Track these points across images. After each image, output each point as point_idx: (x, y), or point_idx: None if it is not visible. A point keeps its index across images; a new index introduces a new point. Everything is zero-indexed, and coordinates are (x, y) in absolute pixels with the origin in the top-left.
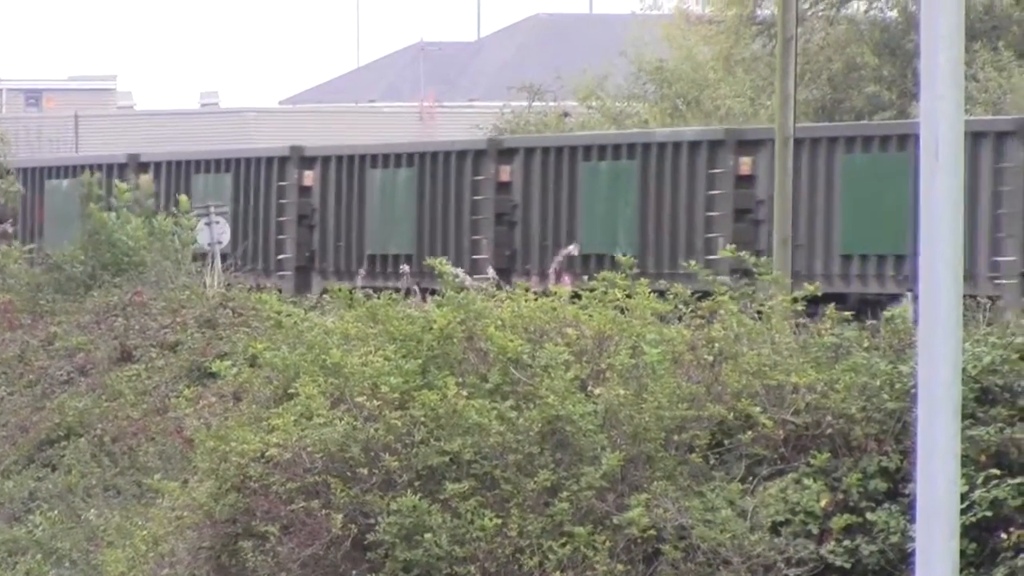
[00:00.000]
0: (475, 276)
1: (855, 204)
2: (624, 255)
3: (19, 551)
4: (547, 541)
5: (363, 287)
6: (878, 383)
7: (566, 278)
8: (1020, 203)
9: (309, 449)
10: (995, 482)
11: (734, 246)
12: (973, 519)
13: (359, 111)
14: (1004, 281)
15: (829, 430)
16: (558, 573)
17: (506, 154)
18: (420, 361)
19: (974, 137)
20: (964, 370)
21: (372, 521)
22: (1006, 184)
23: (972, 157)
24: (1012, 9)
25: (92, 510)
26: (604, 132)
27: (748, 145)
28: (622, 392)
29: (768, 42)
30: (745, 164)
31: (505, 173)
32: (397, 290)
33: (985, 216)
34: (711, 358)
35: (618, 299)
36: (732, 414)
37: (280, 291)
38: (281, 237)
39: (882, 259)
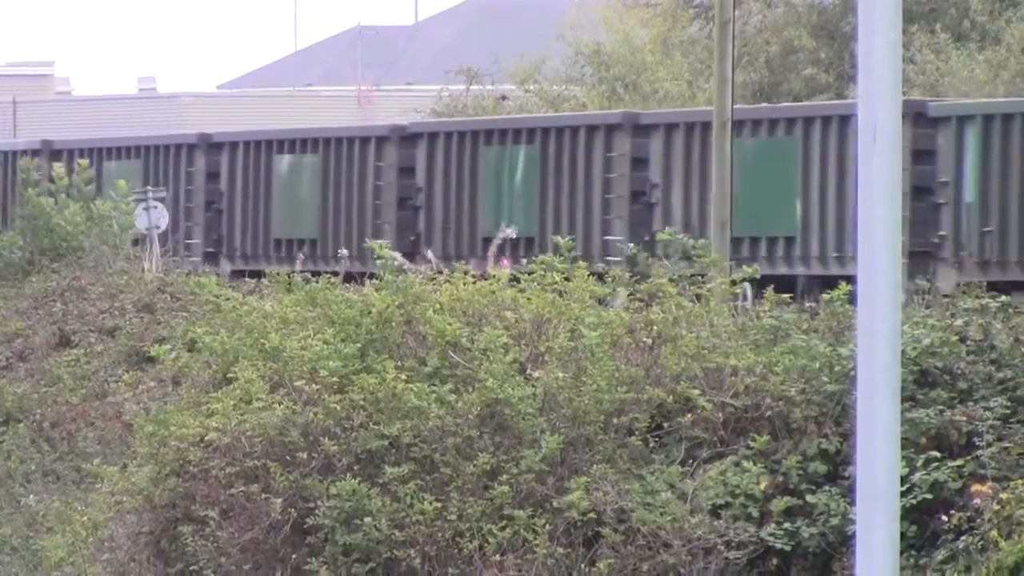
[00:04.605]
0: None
1: (744, 187)
2: (518, 238)
3: None
4: (487, 524)
5: (303, 271)
6: (817, 365)
7: (505, 261)
8: (906, 185)
9: (248, 433)
10: (935, 464)
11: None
12: (913, 501)
13: (297, 95)
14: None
15: (768, 413)
16: (498, 556)
17: (409, 139)
18: (359, 345)
19: (841, 120)
20: (904, 352)
21: (312, 505)
22: None
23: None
24: None
25: (31, 496)
26: (503, 116)
27: (643, 129)
28: (561, 375)
29: (705, 25)
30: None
31: (408, 158)
32: (317, 274)
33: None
34: (650, 341)
35: (556, 282)
36: (671, 397)
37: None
38: (189, 223)
39: (772, 241)
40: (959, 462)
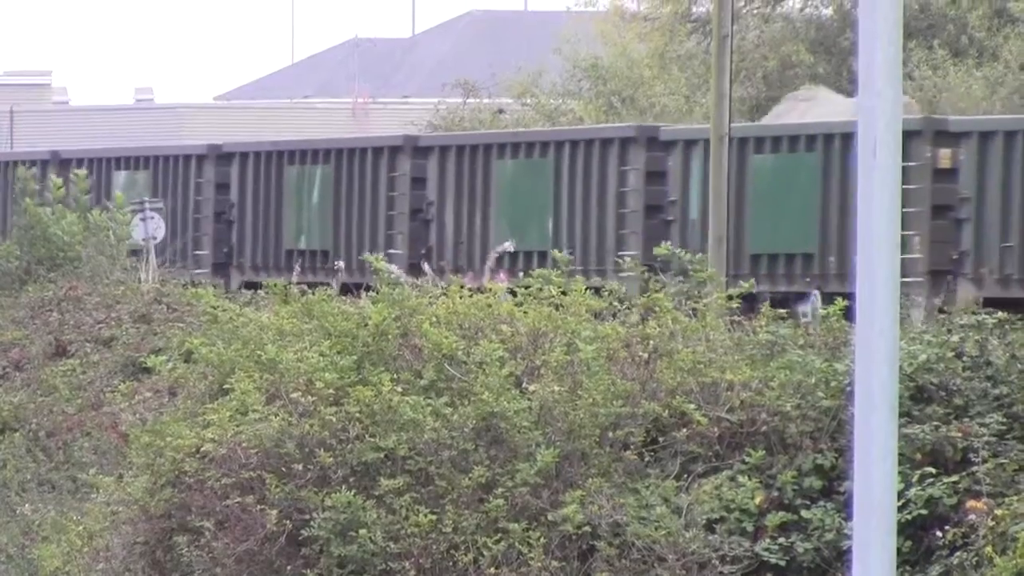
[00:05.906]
0: (195, 271)
1: (505, 205)
2: (315, 251)
3: None
4: (482, 537)
5: (298, 282)
6: (813, 381)
7: (502, 275)
8: (640, 204)
9: (244, 445)
10: (930, 480)
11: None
12: (909, 517)
13: (293, 107)
14: (627, 274)
15: (764, 428)
16: (493, 569)
17: (225, 158)
18: (355, 357)
19: (603, 143)
20: (900, 368)
21: (307, 517)
22: (629, 185)
23: (601, 161)
24: (947, 8)
25: (27, 505)
26: (306, 139)
27: (422, 151)
28: (557, 389)
29: (703, 39)
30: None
31: (224, 175)
32: None
33: (612, 214)
34: (646, 355)
35: (553, 296)
36: (667, 411)
37: None
38: None
39: (528, 255)
40: (954, 478)
